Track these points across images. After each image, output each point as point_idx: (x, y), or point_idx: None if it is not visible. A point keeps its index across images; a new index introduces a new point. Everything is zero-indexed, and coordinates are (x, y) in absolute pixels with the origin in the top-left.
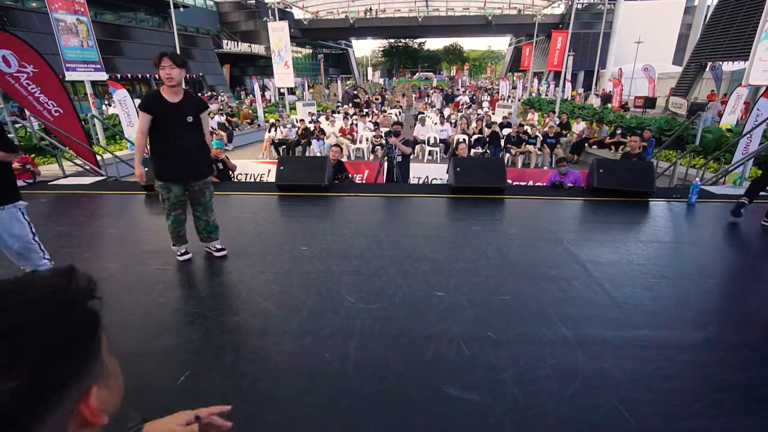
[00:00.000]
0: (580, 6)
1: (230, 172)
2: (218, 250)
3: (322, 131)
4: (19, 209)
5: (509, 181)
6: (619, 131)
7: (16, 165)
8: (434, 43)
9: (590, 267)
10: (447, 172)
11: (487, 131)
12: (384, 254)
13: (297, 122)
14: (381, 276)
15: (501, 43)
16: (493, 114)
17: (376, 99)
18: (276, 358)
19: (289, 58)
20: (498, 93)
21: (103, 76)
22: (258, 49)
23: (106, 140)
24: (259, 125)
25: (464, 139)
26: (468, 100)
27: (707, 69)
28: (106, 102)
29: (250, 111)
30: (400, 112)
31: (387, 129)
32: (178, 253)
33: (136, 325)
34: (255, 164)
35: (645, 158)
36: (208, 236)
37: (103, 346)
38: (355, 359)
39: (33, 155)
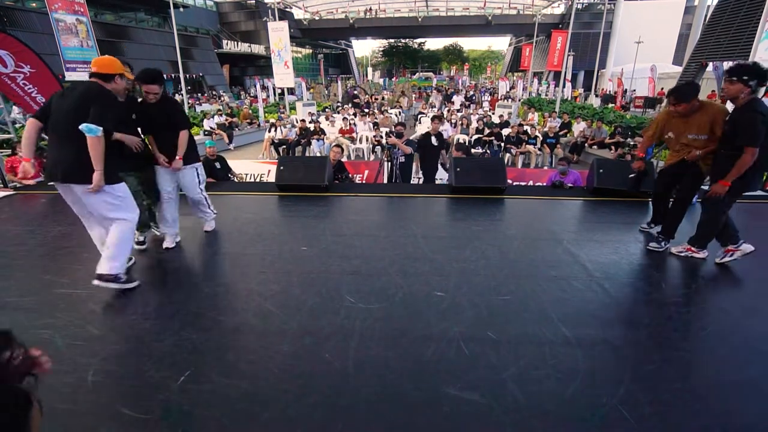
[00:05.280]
0: (580, 6)
1: (235, 178)
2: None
3: (322, 131)
4: (195, 169)
5: (509, 181)
6: (618, 131)
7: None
8: (434, 43)
9: (590, 267)
10: (447, 172)
11: (486, 131)
12: (384, 254)
13: (297, 122)
14: (381, 276)
15: (501, 43)
16: (493, 114)
17: (375, 99)
18: (276, 358)
19: (289, 58)
20: (498, 93)
21: None
22: (258, 49)
23: None
24: (259, 125)
25: (464, 140)
26: (464, 100)
27: (709, 68)
28: None
29: (250, 111)
30: (400, 112)
31: (387, 129)
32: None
33: (136, 325)
34: (255, 164)
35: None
36: None
37: (34, 421)
38: (355, 359)
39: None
